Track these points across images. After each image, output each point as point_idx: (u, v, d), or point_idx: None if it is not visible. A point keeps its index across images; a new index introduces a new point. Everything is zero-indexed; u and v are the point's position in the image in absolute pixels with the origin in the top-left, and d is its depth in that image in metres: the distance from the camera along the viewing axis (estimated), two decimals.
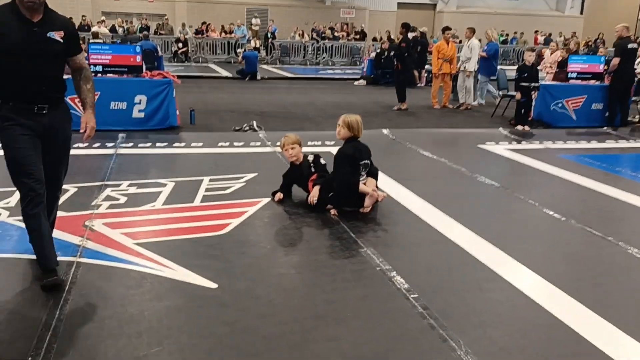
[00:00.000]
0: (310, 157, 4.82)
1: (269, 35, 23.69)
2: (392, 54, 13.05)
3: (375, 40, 23.95)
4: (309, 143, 6.60)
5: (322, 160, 4.81)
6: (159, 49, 16.43)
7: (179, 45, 21.18)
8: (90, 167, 5.56)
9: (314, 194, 4.51)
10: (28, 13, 2.99)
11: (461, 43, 12.49)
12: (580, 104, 9.46)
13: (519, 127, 8.93)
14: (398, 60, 11.17)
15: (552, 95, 9.35)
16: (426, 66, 15.45)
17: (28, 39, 2.99)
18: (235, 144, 7.06)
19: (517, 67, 9.72)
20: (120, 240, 3.77)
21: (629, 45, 9.19)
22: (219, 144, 6.98)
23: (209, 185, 5.12)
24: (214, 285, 3.17)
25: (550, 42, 15.43)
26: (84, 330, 2.69)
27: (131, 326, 2.73)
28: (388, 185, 5.21)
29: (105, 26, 21.37)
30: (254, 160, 6.29)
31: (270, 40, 23.19)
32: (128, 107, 7.70)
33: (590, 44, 23.72)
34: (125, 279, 3.23)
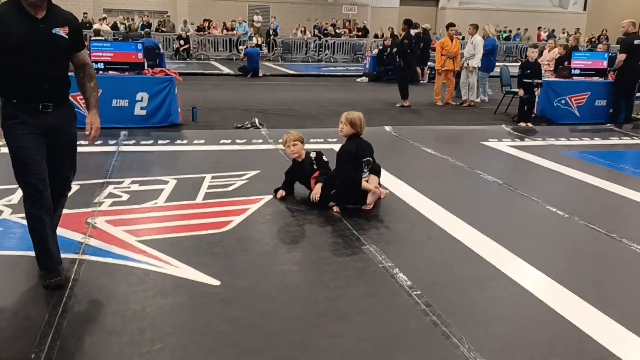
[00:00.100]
0: (313, 155, 4.81)
1: (271, 32, 23.66)
2: (395, 50, 13.01)
3: (377, 37, 23.90)
4: (311, 140, 6.59)
5: (325, 158, 4.80)
6: (160, 46, 16.40)
7: (180, 43, 21.18)
8: (92, 165, 5.56)
9: (317, 191, 4.51)
10: (32, 9, 2.91)
11: (464, 40, 12.45)
12: (583, 101, 9.43)
13: (522, 124, 8.91)
14: (400, 57, 11.13)
15: (555, 91, 9.31)
16: (429, 63, 15.43)
17: (33, 36, 2.90)
18: (237, 141, 7.05)
19: (520, 64, 9.70)
20: (122, 238, 3.77)
21: (635, 42, 9.12)
22: (221, 142, 6.98)
23: (211, 182, 5.12)
24: (216, 283, 3.17)
25: (550, 39, 15.40)
26: (87, 328, 2.70)
27: (134, 323, 2.73)
28: (390, 182, 5.20)
29: (106, 23, 21.38)
30: (256, 157, 6.29)
31: (272, 37, 23.16)
32: (130, 105, 7.70)
33: (593, 40, 23.64)
34: (128, 276, 3.24)
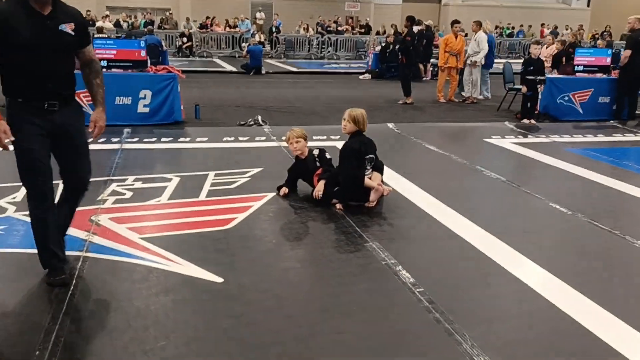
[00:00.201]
0: (316, 152, 4.81)
1: (274, 29, 23.63)
2: (397, 47, 12.99)
3: (379, 34, 23.85)
4: (314, 137, 6.59)
5: (327, 155, 4.81)
6: (163, 43, 16.42)
7: (183, 40, 21.17)
8: (95, 162, 5.50)
9: (319, 188, 4.51)
10: (38, 6, 2.85)
11: (467, 36, 12.43)
12: (587, 97, 9.39)
13: (525, 121, 8.88)
14: (403, 54, 11.10)
15: (559, 88, 9.29)
16: (431, 60, 15.39)
17: (40, 33, 2.83)
18: (240, 138, 7.06)
19: (523, 60, 9.67)
20: (126, 235, 3.78)
21: None
22: (224, 139, 6.98)
23: (214, 180, 5.13)
24: (219, 280, 3.18)
25: (552, 35, 15.35)
26: (91, 324, 2.71)
27: (138, 320, 2.74)
28: (393, 179, 5.20)
29: (109, 21, 21.44)
30: (259, 154, 6.29)
31: (274, 34, 23.14)
32: (133, 102, 7.72)
33: (597, 36, 23.55)
34: (132, 273, 3.25)
